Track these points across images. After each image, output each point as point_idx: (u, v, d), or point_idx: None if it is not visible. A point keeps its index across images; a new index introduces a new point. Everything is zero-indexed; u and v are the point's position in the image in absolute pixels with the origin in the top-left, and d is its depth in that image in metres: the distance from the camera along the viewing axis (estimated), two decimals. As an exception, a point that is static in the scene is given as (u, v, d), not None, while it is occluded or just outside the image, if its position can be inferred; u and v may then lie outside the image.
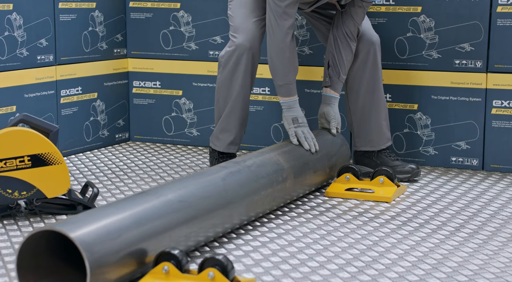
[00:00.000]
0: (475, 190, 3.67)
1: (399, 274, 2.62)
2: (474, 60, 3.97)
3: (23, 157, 3.05)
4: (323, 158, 3.55)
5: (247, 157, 3.19)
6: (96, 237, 2.26)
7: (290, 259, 2.75)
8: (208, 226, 2.75)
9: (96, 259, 2.22)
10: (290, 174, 3.28)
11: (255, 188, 3.04)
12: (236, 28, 3.65)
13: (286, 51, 3.48)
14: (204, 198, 2.75)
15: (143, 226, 2.41)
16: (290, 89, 3.55)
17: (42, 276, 2.34)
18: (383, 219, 3.22)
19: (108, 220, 2.35)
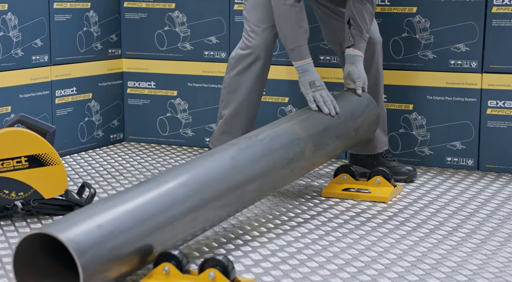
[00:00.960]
0: (471, 189, 3.67)
1: (399, 274, 2.62)
2: (469, 61, 3.98)
3: (20, 157, 3.04)
4: (347, 120, 3.42)
5: (261, 130, 3.07)
6: (90, 237, 2.22)
7: (289, 260, 2.75)
8: (216, 210, 2.66)
9: (89, 260, 2.19)
10: (309, 142, 3.15)
11: (269, 163, 2.92)
12: (252, 31, 3.59)
13: (292, 13, 3.38)
14: (210, 181, 2.66)
15: (142, 224, 2.38)
16: (301, 52, 3.43)
17: (41, 277, 2.33)
18: (380, 219, 3.22)
19: (102, 218, 2.30)
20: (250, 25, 3.60)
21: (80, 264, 2.16)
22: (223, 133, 3.69)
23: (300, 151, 3.09)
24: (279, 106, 4.32)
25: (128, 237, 2.32)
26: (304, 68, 3.45)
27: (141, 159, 4.23)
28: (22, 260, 2.28)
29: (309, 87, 3.41)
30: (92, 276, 2.20)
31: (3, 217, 3.13)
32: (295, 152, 3.06)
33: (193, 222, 2.53)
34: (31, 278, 2.29)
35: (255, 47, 3.57)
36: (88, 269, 2.18)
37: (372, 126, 3.62)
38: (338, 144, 3.37)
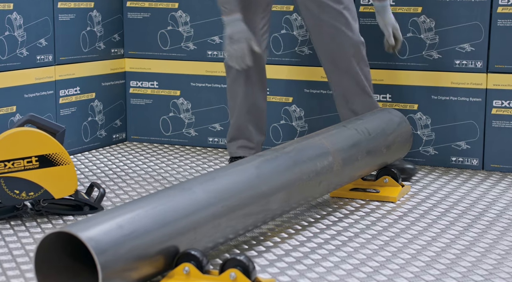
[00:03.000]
0: (478, 190, 3.68)
1: (415, 274, 2.62)
2: (474, 61, 3.99)
3: (30, 157, 3.03)
4: (378, 137, 3.41)
5: (287, 144, 3.06)
6: (109, 237, 2.22)
7: (303, 259, 2.75)
8: (240, 219, 2.65)
9: (108, 259, 2.18)
10: (337, 156, 3.13)
11: (295, 174, 2.90)
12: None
13: None
14: (234, 189, 2.65)
15: (163, 227, 2.37)
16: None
17: (62, 277, 2.32)
18: (390, 219, 3.22)
19: (123, 220, 2.29)
20: None
21: (99, 262, 2.15)
22: (231, 140, 3.82)
23: (329, 165, 3.08)
24: (283, 106, 4.32)
25: (148, 240, 2.31)
26: (228, 21, 3.53)
27: (145, 159, 4.21)
28: (43, 259, 2.26)
29: (228, 41, 3.51)
30: (111, 275, 2.19)
31: (13, 217, 3.12)
32: (323, 165, 3.04)
33: (215, 228, 2.53)
34: (52, 278, 2.28)
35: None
36: (107, 268, 2.17)
37: (406, 145, 3.62)
38: (368, 160, 3.35)
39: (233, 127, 3.80)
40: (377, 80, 4.13)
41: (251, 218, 2.73)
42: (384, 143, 3.45)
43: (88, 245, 2.14)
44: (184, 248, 2.42)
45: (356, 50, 3.69)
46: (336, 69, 3.72)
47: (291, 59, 4.27)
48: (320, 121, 4.24)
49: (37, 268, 2.24)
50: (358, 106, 3.72)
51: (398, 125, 3.57)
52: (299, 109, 4.30)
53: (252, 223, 2.75)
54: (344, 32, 3.65)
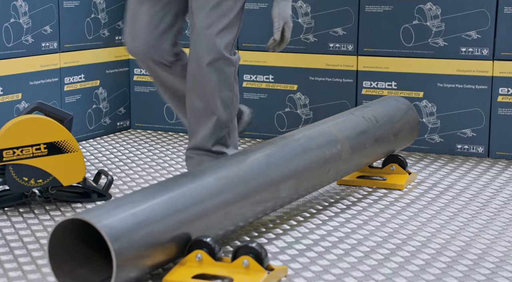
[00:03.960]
0: (484, 177, 3.68)
1: (426, 261, 2.62)
2: (480, 48, 3.98)
3: (39, 144, 3.02)
4: (385, 124, 3.40)
5: (296, 131, 3.05)
6: (123, 224, 2.22)
7: (314, 247, 2.74)
8: (250, 206, 2.66)
9: (122, 246, 2.18)
10: (346, 144, 3.13)
11: (304, 162, 2.90)
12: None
13: None
14: (245, 176, 2.65)
15: (176, 214, 2.37)
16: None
17: (75, 264, 2.31)
18: (398, 206, 3.22)
19: (136, 207, 2.30)
20: None
21: (114, 249, 2.15)
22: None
23: (337, 152, 3.07)
24: (288, 94, 4.31)
25: (161, 226, 2.30)
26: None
27: (150, 146, 4.20)
28: (56, 245, 2.26)
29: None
30: (126, 262, 2.19)
31: (21, 205, 3.11)
32: (331, 153, 3.04)
33: (227, 215, 2.53)
34: (65, 264, 2.28)
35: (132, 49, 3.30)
36: (121, 255, 2.17)
37: (413, 132, 3.61)
38: (376, 147, 3.34)
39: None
40: (383, 67, 4.13)
41: (261, 206, 2.72)
42: (392, 131, 3.44)
43: (102, 232, 2.14)
44: (196, 236, 2.41)
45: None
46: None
47: (296, 47, 4.26)
48: (325, 109, 4.23)
49: (50, 254, 2.24)
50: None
51: (405, 113, 3.56)
52: (304, 97, 4.29)
53: (262, 210, 2.75)
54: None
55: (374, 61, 4.15)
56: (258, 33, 4.31)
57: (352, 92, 4.20)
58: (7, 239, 2.75)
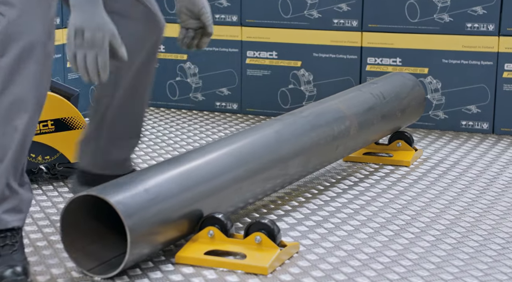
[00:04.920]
0: (490, 154, 3.67)
1: (436, 237, 2.62)
2: (486, 24, 3.96)
3: (46, 121, 3.00)
4: (392, 101, 3.37)
5: (305, 108, 3.04)
6: (136, 201, 2.21)
7: (324, 223, 2.74)
8: (260, 183, 2.64)
9: (136, 223, 2.17)
10: (354, 120, 3.11)
11: (312, 138, 2.89)
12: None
13: None
14: (255, 153, 2.63)
15: (188, 190, 2.36)
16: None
17: (87, 241, 2.31)
18: (406, 182, 3.22)
19: (148, 184, 2.29)
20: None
21: (128, 226, 2.14)
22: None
23: (345, 129, 3.06)
24: (292, 70, 4.29)
25: (173, 203, 2.30)
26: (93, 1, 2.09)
27: (154, 123, 4.19)
28: (68, 221, 2.25)
29: (74, 36, 2.08)
30: (139, 239, 2.18)
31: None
32: (340, 129, 3.03)
33: (237, 192, 2.52)
34: (78, 241, 2.27)
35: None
36: (134, 231, 2.16)
37: (419, 109, 3.59)
38: (383, 124, 3.33)
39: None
40: (387, 44, 4.11)
41: (271, 182, 2.72)
42: (399, 107, 3.43)
43: (116, 208, 2.13)
44: (207, 212, 2.40)
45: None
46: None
47: (300, 23, 4.24)
48: (329, 86, 4.21)
49: (63, 230, 2.23)
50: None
51: (412, 89, 3.55)
52: (307, 73, 4.27)
53: (271, 187, 2.74)
54: None
55: (379, 37, 4.13)
56: (261, 9, 4.28)
57: (357, 68, 4.19)
58: (16, 216, 2.74)
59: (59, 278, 2.26)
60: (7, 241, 2.17)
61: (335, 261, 2.41)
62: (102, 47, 2.05)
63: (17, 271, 2.12)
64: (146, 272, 2.29)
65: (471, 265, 2.39)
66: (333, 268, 2.36)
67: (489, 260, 2.43)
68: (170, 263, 2.35)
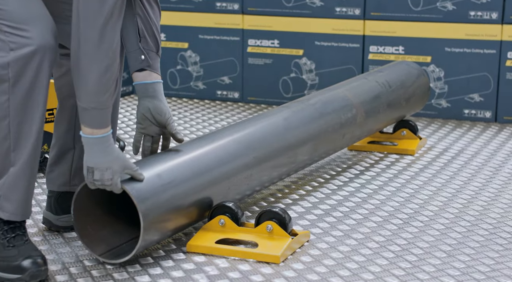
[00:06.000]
0: (494, 142, 3.67)
1: (445, 225, 2.61)
2: (489, 12, 3.95)
3: (52, 109, 2.98)
4: (398, 89, 3.37)
5: (312, 95, 3.04)
6: (149, 186, 2.18)
7: (332, 212, 2.73)
8: (269, 170, 2.63)
9: (149, 208, 2.15)
10: (360, 109, 3.11)
11: (320, 126, 2.88)
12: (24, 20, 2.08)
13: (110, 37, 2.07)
14: (264, 140, 2.62)
15: (200, 176, 2.34)
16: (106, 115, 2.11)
17: (99, 227, 2.28)
18: (412, 171, 3.21)
19: (161, 169, 2.26)
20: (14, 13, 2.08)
21: (141, 211, 2.12)
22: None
23: (352, 117, 3.05)
24: (293, 59, 4.28)
25: (186, 188, 2.28)
26: (100, 141, 2.12)
27: (155, 112, 4.16)
28: (80, 208, 2.22)
29: (86, 174, 2.14)
30: (151, 225, 2.16)
31: (33, 171, 3.07)
32: (347, 117, 3.02)
33: (247, 179, 2.50)
34: (89, 226, 2.24)
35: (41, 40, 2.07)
36: (148, 217, 2.14)
37: (424, 97, 3.58)
38: (389, 112, 3.32)
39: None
40: (390, 32, 4.10)
41: (279, 170, 2.70)
42: (404, 96, 3.42)
43: (130, 193, 2.11)
44: (218, 199, 2.39)
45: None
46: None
47: (302, 11, 4.22)
48: (331, 75, 4.20)
49: (74, 214, 2.20)
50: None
51: (417, 77, 3.54)
52: (309, 62, 4.26)
53: (278, 175, 2.73)
54: None
55: (381, 26, 4.12)
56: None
57: (359, 57, 4.17)
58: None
59: (71, 266, 2.24)
60: (17, 231, 2.14)
61: (346, 249, 2.40)
62: (111, 184, 2.13)
63: (39, 262, 2.09)
64: (158, 261, 2.27)
65: (482, 253, 2.39)
66: (344, 256, 2.35)
67: (500, 248, 2.43)
68: (182, 252, 2.34)
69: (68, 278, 2.17)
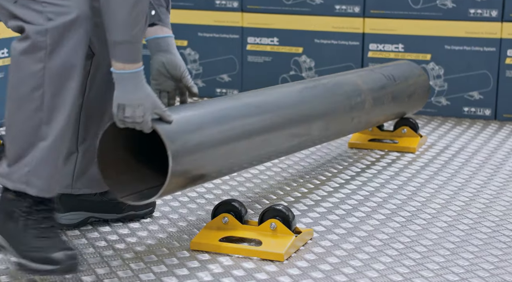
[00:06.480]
0: (494, 139, 3.67)
1: (448, 223, 2.61)
2: (489, 10, 3.95)
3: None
4: (401, 84, 3.37)
5: (323, 77, 3.02)
6: (180, 128, 2.14)
7: (335, 209, 2.73)
8: (285, 138, 2.60)
9: (178, 150, 2.10)
10: (368, 95, 3.10)
11: (333, 105, 2.87)
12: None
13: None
14: (280, 107, 2.59)
15: (224, 124, 2.30)
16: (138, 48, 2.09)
17: (122, 171, 2.22)
18: (413, 169, 3.21)
19: (189, 114, 2.22)
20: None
21: (170, 151, 2.06)
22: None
23: (361, 102, 3.05)
24: (293, 57, 4.28)
25: (213, 138, 2.24)
26: (133, 76, 2.08)
27: (155, 110, 4.16)
28: (103, 150, 2.16)
29: (116, 111, 2.09)
30: (179, 168, 2.10)
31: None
32: (356, 101, 3.01)
33: (264, 143, 2.46)
34: (112, 169, 2.18)
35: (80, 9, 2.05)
36: (176, 158, 2.08)
37: (424, 97, 3.58)
38: (393, 105, 3.32)
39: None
40: (389, 30, 4.10)
41: (292, 140, 2.65)
42: (406, 92, 3.42)
43: (160, 132, 2.07)
44: (239, 159, 2.36)
45: None
46: None
47: (302, 9, 4.22)
48: (330, 73, 4.19)
49: (99, 157, 2.15)
50: None
51: (418, 76, 3.54)
52: (309, 60, 4.26)
53: (291, 146, 2.66)
54: None
55: (381, 23, 4.12)
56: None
57: (358, 55, 4.18)
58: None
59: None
60: (52, 223, 2.08)
61: (350, 247, 2.40)
62: (142, 121, 2.09)
63: (73, 254, 2.05)
64: (162, 259, 2.27)
65: (486, 251, 2.39)
66: (348, 254, 2.35)
67: (503, 246, 2.43)
68: (185, 250, 2.34)
69: (72, 275, 2.16)
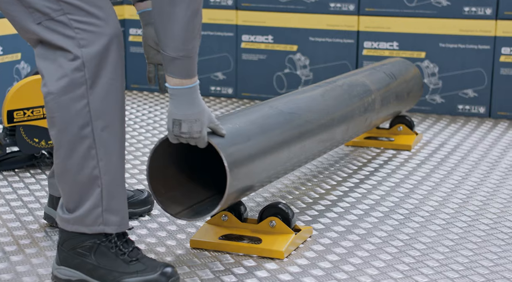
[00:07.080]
0: (489, 137, 3.68)
1: (446, 220, 2.62)
2: (483, 8, 3.96)
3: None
4: (401, 82, 3.39)
5: (335, 78, 3.02)
6: (233, 141, 2.15)
7: (333, 207, 2.73)
8: (316, 143, 2.62)
9: (233, 163, 2.11)
10: (378, 95, 3.12)
11: (351, 108, 2.89)
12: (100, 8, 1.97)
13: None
14: (312, 112, 2.61)
15: (266, 133, 2.31)
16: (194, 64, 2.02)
17: (171, 188, 2.22)
18: (410, 167, 3.21)
19: (235, 125, 2.22)
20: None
21: (227, 165, 2.07)
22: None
23: (372, 102, 3.06)
24: (287, 55, 4.28)
25: (264, 147, 2.27)
26: (190, 91, 2.02)
27: (150, 108, 4.16)
28: (155, 168, 2.15)
29: (171, 126, 2.04)
30: (235, 180, 2.11)
31: (31, 166, 3.06)
32: (368, 102, 3.03)
33: (302, 149, 2.49)
34: (161, 186, 2.18)
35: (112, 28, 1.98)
36: (233, 171, 2.09)
37: (418, 94, 3.58)
38: (395, 103, 3.33)
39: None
40: (384, 27, 4.10)
41: (321, 145, 2.68)
42: (406, 89, 3.43)
43: (217, 147, 2.07)
44: (286, 164, 2.39)
45: None
46: None
47: (296, 7, 4.22)
48: (325, 70, 4.20)
49: (149, 174, 2.14)
50: None
51: (413, 74, 3.55)
52: (304, 57, 4.26)
53: (318, 152, 2.70)
54: None
55: (376, 22, 4.12)
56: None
57: (353, 53, 4.18)
58: (24, 200, 2.71)
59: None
60: (131, 245, 2.06)
61: (349, 244, 2.40)
62: (199, 137, 2.05)
63: (172, 272, 2.03)
64: (162, 257, 2.27)
65: (485, 248, 2.40)
66: (347, 252, 2.35)
67: (502, 243, 2.43)
68: (185, 248, 2.33)
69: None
